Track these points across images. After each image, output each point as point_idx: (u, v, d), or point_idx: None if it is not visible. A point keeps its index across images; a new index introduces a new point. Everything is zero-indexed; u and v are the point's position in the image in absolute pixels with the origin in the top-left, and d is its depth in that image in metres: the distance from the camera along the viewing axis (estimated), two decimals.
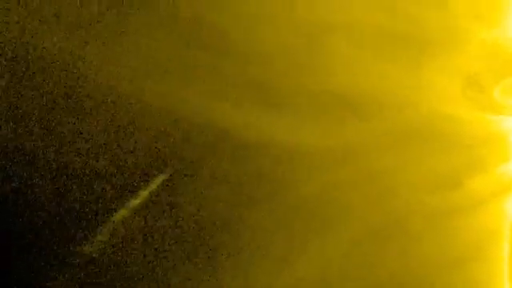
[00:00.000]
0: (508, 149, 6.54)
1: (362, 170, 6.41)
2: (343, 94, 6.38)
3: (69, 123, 6.39)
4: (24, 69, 6.33)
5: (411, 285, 6.36)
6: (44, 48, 6.28)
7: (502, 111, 6.55)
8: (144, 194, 6.31)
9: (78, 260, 6.20)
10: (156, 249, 6.29)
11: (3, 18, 6.22)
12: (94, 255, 6.21)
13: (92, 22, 6.25)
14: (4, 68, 6.29)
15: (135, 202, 6.34)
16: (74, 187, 6.31)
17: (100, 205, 6.32)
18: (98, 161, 6.34)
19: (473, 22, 6.46)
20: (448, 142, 6.52)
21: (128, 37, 6.27)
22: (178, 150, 6.41)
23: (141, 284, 6.24)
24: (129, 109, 6.36)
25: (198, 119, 6.33)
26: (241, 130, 6.34)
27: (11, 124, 6.28)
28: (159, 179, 6.38)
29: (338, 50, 6.38)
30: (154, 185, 6.35)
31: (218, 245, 6.39)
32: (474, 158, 6.53)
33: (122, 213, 6.32)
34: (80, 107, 6.38)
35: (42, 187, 6.29)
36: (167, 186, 6.35)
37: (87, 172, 6.32)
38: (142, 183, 6.38)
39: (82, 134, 6.37)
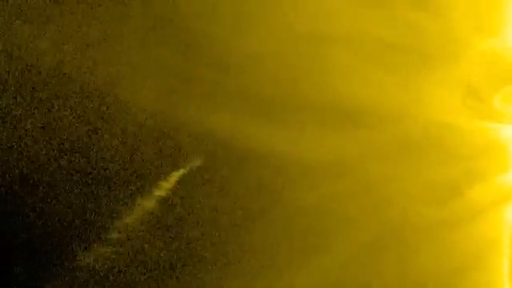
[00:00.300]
0: (508, 158, 6.56)
1: (361, 180, 6.45)
2: (343, 106, 6.42)
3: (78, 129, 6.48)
4: (31, 79, 6.41)
5: None
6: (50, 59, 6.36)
7: (501, 120, 6.57)
8: (145, 203, 6.39)
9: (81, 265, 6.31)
10: (157, 260, 6.38)
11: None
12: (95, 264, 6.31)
13: (99, 40, 6.33)
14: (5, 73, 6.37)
15: (138, 212, 6.42)
16: (76, 191, 6.40)
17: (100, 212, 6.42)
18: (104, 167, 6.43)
19: (472, 32, 6.47)
20: (447, 151, 6.55)
21: (134, 52, 6.34)
22: (181, 158, 6.48)
23: None
24: (132, 119, 6.43)
25: (199, 129, 6.39)
26: (241, 141, 6.39)
27: (13, 128, 6.37)
28: (162, 188, 6.45)
29: (338, 62, 6.42)
30: (156, 194, 6.42)
31: (219, 254, 6.46)
32: (474, 168, 6.55)
33: (125, 220, 6.40)
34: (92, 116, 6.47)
35: (49, 191, 6.38)
36: (168, 196, 6.42)
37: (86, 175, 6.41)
38: (143, 193, 6.46)
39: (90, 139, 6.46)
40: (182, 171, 6.48)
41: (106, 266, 6.38)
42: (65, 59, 6.39)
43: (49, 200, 6.35)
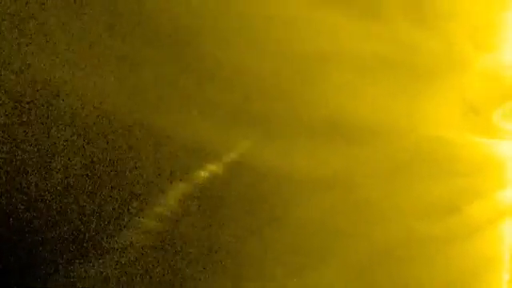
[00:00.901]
0: (506, 174, 6.54)
1: (356, 196, 6.46)
2: (337, 121, 6.42)
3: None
4: (35, 97, 6.45)
5: None
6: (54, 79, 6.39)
7: (500, 136, 6.54)
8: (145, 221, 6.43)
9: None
10: (159, 279, 6.42)
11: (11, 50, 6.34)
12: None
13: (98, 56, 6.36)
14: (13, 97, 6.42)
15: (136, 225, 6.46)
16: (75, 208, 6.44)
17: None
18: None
19: (471, 48, 6.45)
20: (445, 167, 6.54)
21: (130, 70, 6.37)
22: (177, 173, 6.51)
23: None
24: (127, 133, 6.46)
25: (193, 144, 6.42)
26: (235, 156, 6.42)
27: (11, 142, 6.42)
28: (161, 205, 6.48)
29: (334, 78, 6.42)
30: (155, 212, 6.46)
31: (219, 270, 6.50)
32: (471, 184, 6.54)
33: (126, 239, 6.45)
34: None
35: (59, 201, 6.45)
36: (167, 213, 6.46)
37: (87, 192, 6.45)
38: (143, 205, 6.49)
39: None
40: (179, 187, 6.50)
41: (106, 285, 6.42)
42: (55, 73, 6.41)
43: (48, 218, 6.40)
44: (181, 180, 6.51)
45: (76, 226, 6.53)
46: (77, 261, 6.50)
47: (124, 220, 6.43)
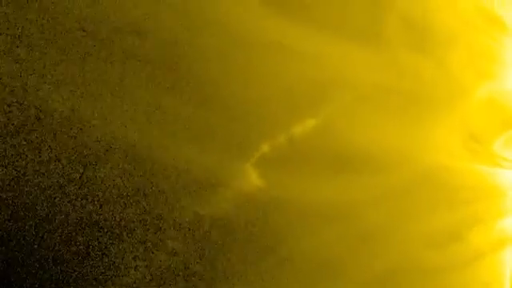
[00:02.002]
0: (507, 203, 6.59)
1: (361, 224, 6.48)
2: (341, 151, 6.45)
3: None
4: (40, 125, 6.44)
5: None
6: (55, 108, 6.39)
7: (501, 165, 6.59)
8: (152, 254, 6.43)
9: None
10: None
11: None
12: None
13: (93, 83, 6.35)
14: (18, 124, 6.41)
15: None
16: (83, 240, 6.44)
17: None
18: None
19: (472, 77, 6.50)
20: (448, 195, 6.58)
21: (126, 97, 6.37)
22: (175, 202, 6.51)
23: None
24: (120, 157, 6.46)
25: (188, 172, 6.43)
26: (239, 183, 6.44)
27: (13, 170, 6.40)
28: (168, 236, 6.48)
29: (338, 106, 6.45)
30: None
31: None
32: (474, 212, 6.58)
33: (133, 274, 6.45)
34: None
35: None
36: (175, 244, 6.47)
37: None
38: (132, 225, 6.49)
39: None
40: (180, 215, 6.50)
41: None
42: (58, 100, 6.41)
43: (57, 250, 6.38)
44: (180, 210, 6.52)
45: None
46: None
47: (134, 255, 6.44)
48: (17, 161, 6.38)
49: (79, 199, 6.47)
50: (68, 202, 6.47)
